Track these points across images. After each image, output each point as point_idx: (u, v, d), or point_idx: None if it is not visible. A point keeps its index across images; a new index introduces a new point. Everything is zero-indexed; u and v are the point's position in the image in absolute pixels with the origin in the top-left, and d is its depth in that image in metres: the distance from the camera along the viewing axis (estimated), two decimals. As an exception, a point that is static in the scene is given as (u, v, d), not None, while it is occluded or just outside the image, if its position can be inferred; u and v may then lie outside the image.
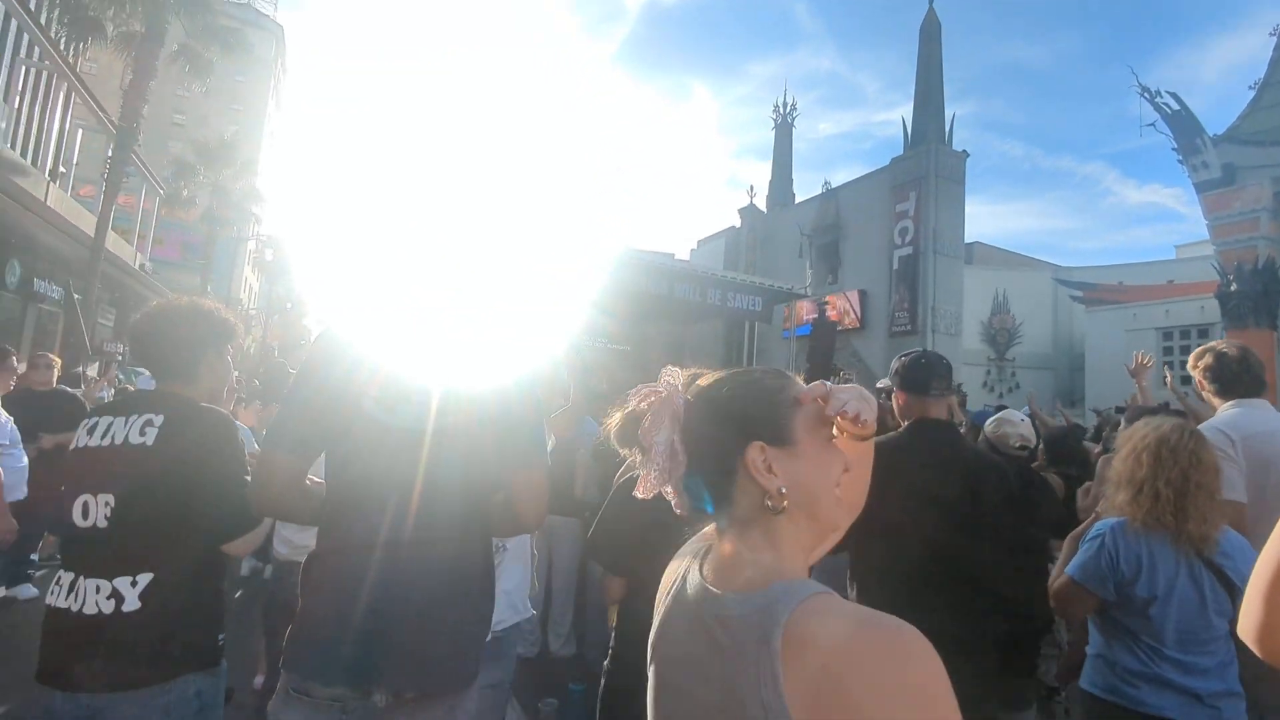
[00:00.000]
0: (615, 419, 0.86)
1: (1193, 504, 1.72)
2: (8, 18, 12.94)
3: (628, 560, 1.95)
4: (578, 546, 4.03)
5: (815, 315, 18.54)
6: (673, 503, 0.81)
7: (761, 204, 24.63)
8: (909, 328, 17.57)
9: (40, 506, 3.94)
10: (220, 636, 1.56)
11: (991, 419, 3.14)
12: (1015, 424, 2.99)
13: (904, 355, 2.31)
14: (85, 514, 1.46)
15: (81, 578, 1.43)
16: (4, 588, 4.61)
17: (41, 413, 4.55)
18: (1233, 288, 11.46)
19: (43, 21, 13.29)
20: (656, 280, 10.35)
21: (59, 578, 1.47)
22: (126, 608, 1.41)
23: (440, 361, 1.33)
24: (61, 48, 13.81)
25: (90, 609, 1.41)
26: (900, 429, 2.21)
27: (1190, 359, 2.52)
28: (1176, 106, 12.21)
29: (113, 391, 7.50)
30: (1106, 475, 1.98)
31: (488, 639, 1.38)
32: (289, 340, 25.33)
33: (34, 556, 4.93)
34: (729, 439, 0.76)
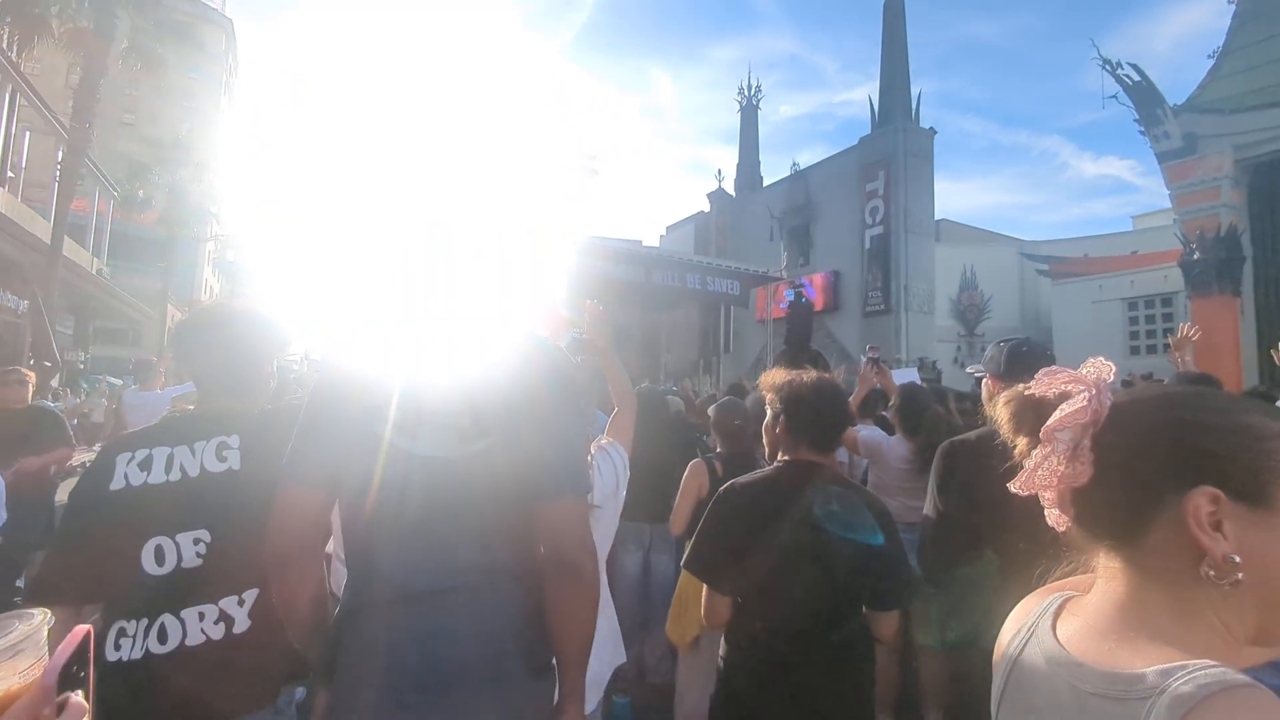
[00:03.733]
0: (1014, 399, 0.71)
1: None
2: (-59, 17, 12.30)
3: (735, 581, 1.75)
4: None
5: (791, 298, 18.65)
6: (1049, 516, 0.67)
7: (730, 188, 24.59)
8: (882, 307, 17.73)
9: (24, 532, 3.71)
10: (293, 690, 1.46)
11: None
12: None
13: (1004, 342, 2.15)
14: (161, 559, 1.31)
15: (168, 615, 1.30)
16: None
17: (20, 433, 4.26)
18: (1196, 256, 11.73)
19: (-20, 20, 12.66)
20: (632, 267, 10.27)
21: (120, 629, 1.29)
22: (237, 629, 1.32)
23: (461, 375, 1.16)
24: (4, 46, 13.17)
25: (195, 639, 1.29)
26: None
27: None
28: (1138, 78, 12.39)
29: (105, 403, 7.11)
30: None
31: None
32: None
33: (19, 582, 4.68)
34: (1165, 473, 0.60)
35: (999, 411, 0.73)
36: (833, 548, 1.68)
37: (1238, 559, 0.56)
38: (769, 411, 1.93)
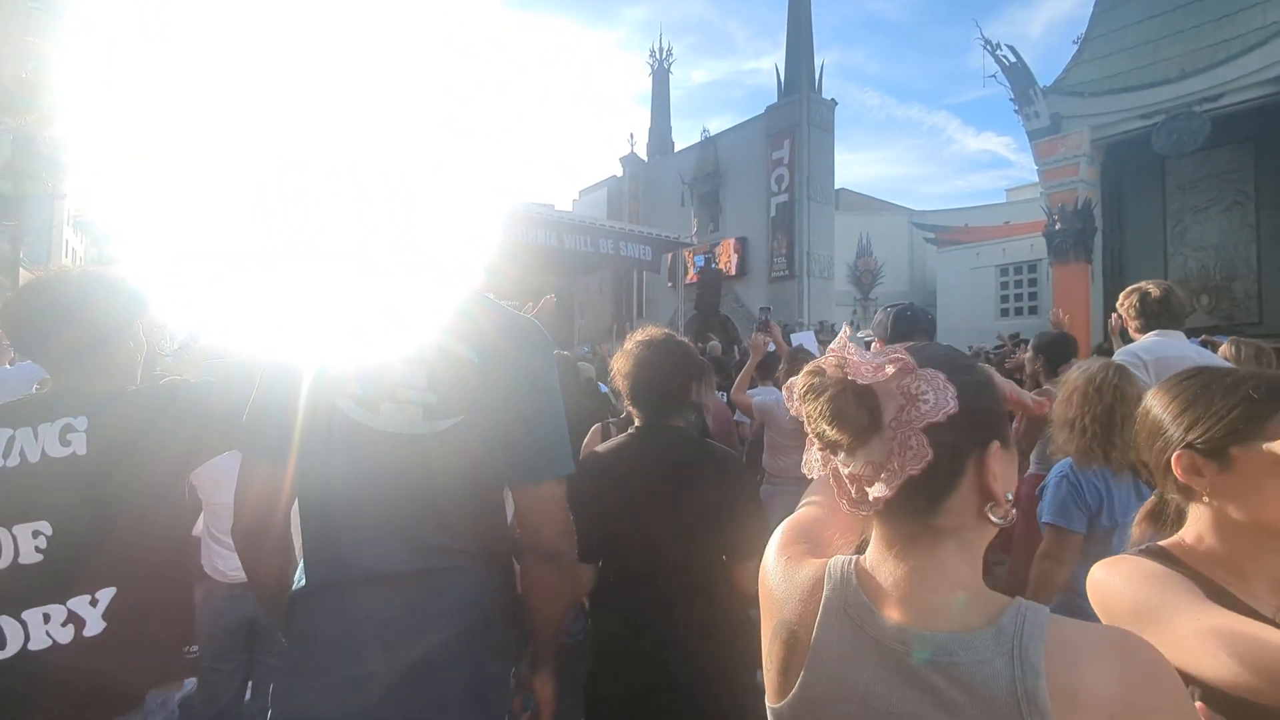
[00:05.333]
0: (810, 389, 0.67)
1: (1118, 435, 1.82)
2: None
3: (596, 546, 1.72)
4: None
5: (701, 265, 19.03)
6: (871, 497, 0.65)
7: (642, 152, 24.57)
8: (787, 273, 18.47)
9: None
10: (191, 648, 1.37)
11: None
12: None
13: (890, 307, 2.36)
14: None
15: (6, 617, 1.18)
16: None
17: None
18: (1058, 226, 12.99)
19: None
20: (545, 231, 10.19)
21: None
22: (89, 631, 1.20)
23: (426, 349, 1.09)
24: None
25: (40, 643, 1.17)
26: None
27: (1120, 297, 2.75)
28: (1014, 59, 13.37)
29: None
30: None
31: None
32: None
33: None
34: (969, 438, 0.64)
35: (804, 402, 0.69)
36: (682, 503, 1.67)
37: (1010, 496, 0.65)
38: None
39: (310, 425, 1.07)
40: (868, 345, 2.52)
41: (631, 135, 24.57)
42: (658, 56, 25.24)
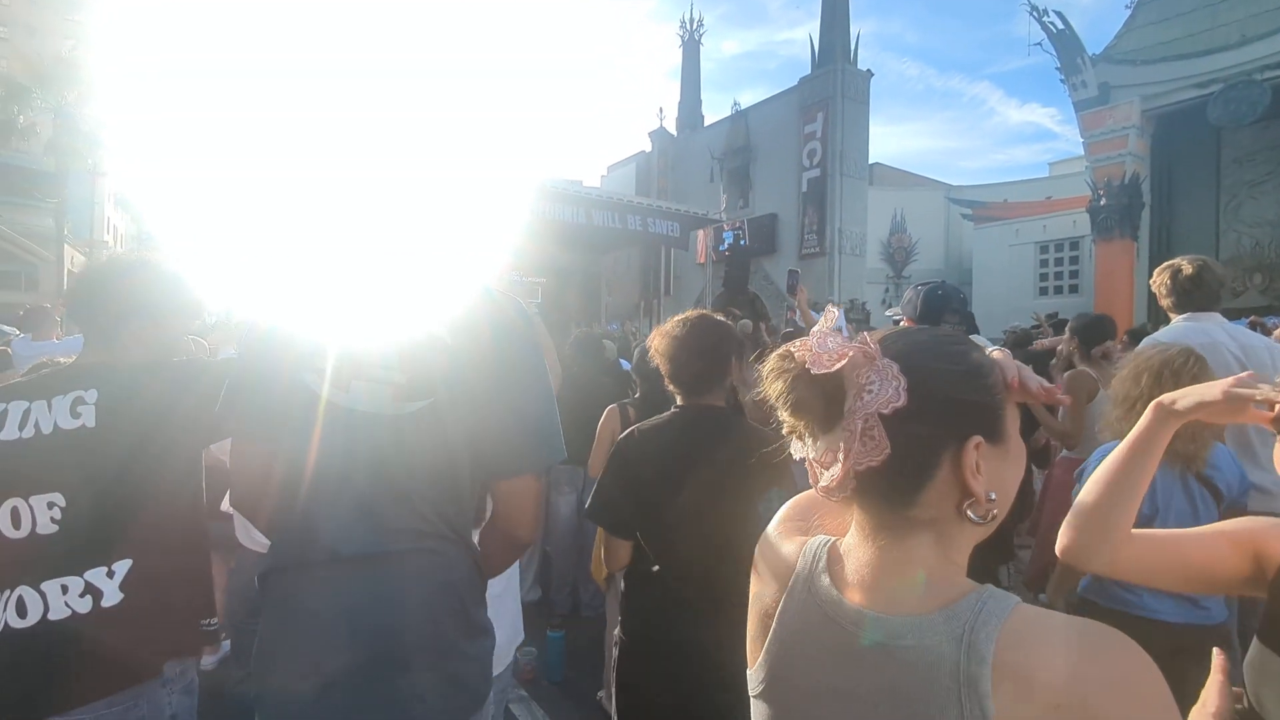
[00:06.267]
0: (775, 374, 0.66)
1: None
2: None
3: (632, 521, 1.77)
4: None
5: (730, 241, 18.81)
6: (829, 484, 0.64)
7: (671, 127, 24.25)
8: (818, 249, 18.17)
9: None
10: (209, 621, 1.41)
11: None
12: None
13: (920, 285, 2.32)
14: (17, 522, 1.23)
15: (26, 588, 1.22)
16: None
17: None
18: (1103, 202, 12.51)
19: None
20: (573, 208, 10.16)
21: None
22: (106, 602, 1.24)
23: (398, 328, 1.07)
24: None
25: (59, 613, 1.21)
26: None
27: (1154, 274, 2.60)
28: (1061, 25, 12.79)
29: None
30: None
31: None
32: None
33: None
34: (941, 431, 0.62)
35: (769, 385, 0.67)
36: (719, 480, 1.67)
37: (994, 496, 0.62)
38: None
39: (282, 402, 1.07)
40: (896, 323, 2.46)
41: (661, 109, 24.24)
42: (688, 27, 24.75)
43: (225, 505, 1.64)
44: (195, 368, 1.50)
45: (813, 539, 0.73)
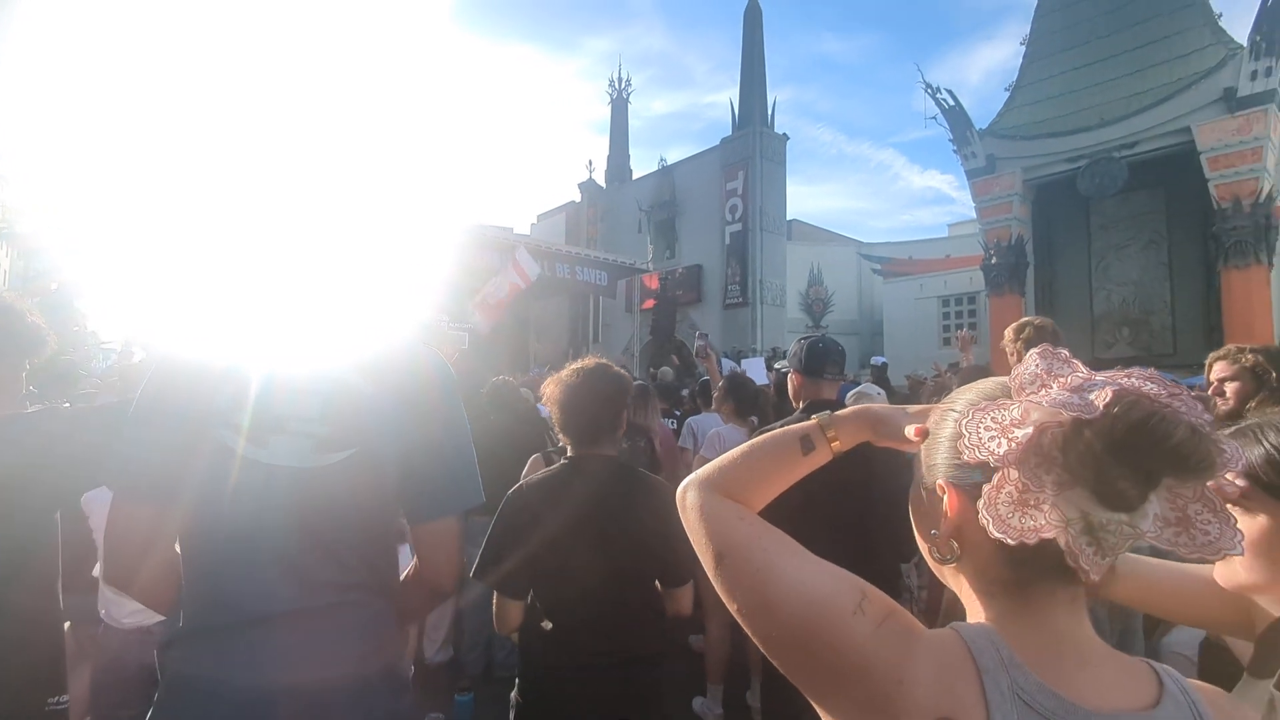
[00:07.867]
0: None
1: None
2: None
3: (525, 582, 1.73)
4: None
5: (657, 292, 19.26)
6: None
7: (600, 179, 24.87)
8: (740, 300, 18.85)
9: None
10: (59, 700, 1.32)
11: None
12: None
13: (802, 339, 2.43)
14: None
15: None
16: None
17: None
18: (993, 260, 13.67)
19: None
20: (501, 255, 10.19)
21: None
22: None
23: (317, 379, 1.04)
24: None
25: None
26: (798, 410, 2.36)
27: (1008, 332, 2.80)
28: (953, 103, 14.13)
29: None
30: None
31: None
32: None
33: None
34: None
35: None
36: (610, 532, 1.66)
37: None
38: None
39: (188, 460, 1.00)
40: (784, 374, 2.58)
41: (590, 162, 24.80)
42: (616, 87, 25.72)
43: (95, 571, 1.51)
44: (42, 419, 1.37)
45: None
